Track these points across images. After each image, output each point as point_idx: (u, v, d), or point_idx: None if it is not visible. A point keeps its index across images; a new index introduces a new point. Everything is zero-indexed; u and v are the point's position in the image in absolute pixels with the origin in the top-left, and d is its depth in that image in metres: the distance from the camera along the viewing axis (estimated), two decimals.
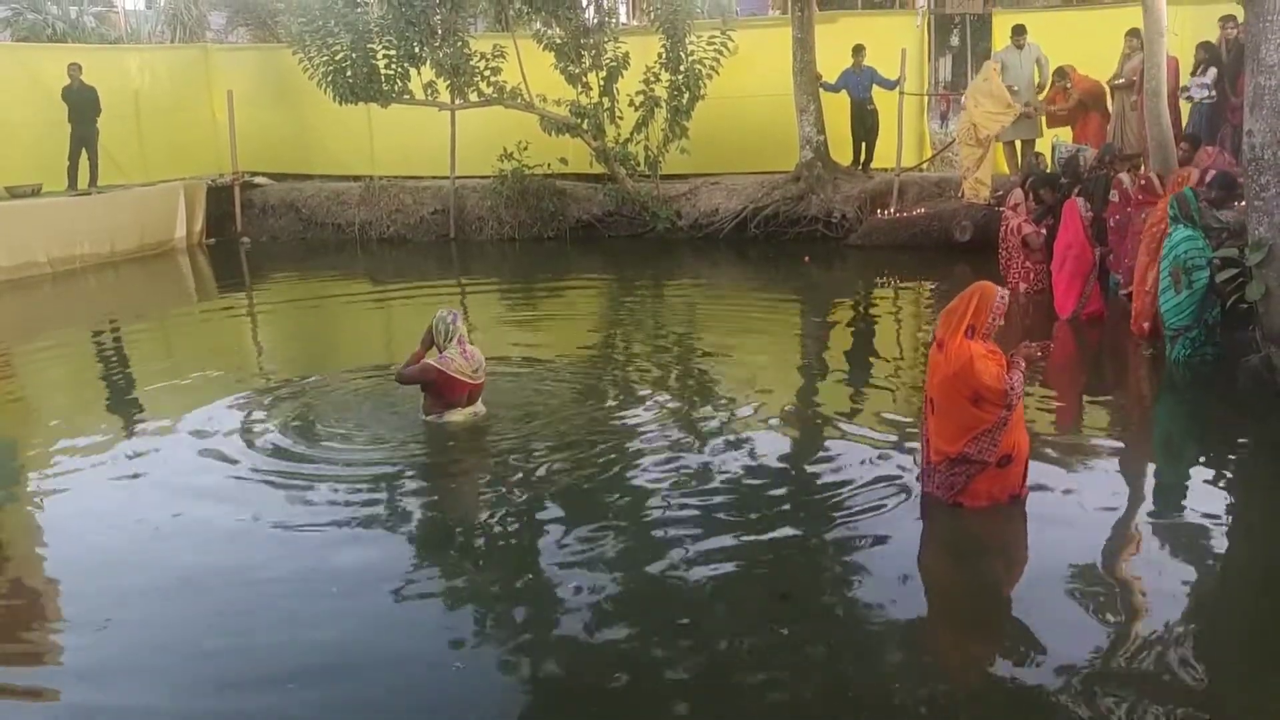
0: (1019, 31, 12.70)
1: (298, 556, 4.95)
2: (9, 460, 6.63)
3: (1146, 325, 8.10)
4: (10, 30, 21.68)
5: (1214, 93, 10.92)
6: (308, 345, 9.93)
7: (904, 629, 4.25)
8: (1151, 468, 6.07)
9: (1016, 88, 12.44)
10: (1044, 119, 12.78)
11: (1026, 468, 5.19)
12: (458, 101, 14.73)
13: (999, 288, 5.10)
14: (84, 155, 14.61)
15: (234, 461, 6.14)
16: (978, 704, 3.78)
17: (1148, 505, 5.45)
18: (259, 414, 7.09)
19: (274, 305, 12.19)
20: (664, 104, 14.21)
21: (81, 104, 14.48)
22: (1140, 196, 8.81)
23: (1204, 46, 11.10)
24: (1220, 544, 4.94)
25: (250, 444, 6.47)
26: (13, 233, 13.00)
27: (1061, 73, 12.34)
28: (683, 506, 5.37)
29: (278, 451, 6.30)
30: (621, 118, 14.47)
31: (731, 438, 6.39)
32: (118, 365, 9.47)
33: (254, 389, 7.86)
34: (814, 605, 4.46)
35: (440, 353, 6.53)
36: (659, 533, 5.09)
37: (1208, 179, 8.82)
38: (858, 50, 13.80)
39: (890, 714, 3.69)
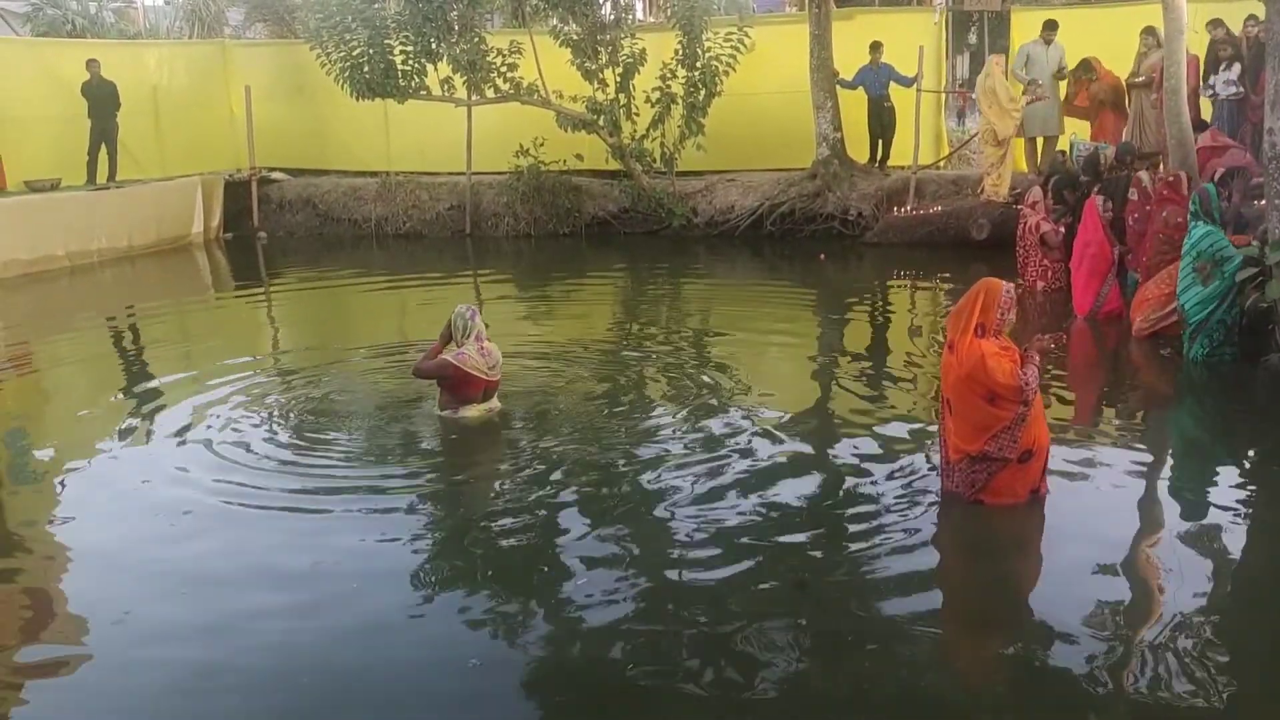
0: (1050, 27, 12.60)
1: (310, 551, 4.94)
2: (26, 451, 6.66)
3: (1139, 332, 8.25)
4: (30, 26, 21.82)
5: (1240, 89, 10.85)
6: (323, 339, 9.95)
7: (920, 623, 4.23)
8: (1169, 466, 6.03)
9: (1040, 81, 12.37)
10: (1062, 106, 12.70)
11: (1047, 462, 5.16)
12: (474, 97, 14.75)
13: (1004, 282, 5.03)
14: (103, 150, 14.69)
15: (247, 455, 6.15)
16: (992, 699, 3.77)
17: (1166, 504, 5.41)
18: (273, 407, 7.11)
19: (290, 299, 12.24)
20: (680, 101, 14.20)
21: (101, 99, 14.57)
22: (1165, 193, 8.78)
23: (1230, 42, 11.03)
24: (1239, 543, 4.90)
25: (264, 438, 6.49)
26: (31, 227, 13.09)
27: (1087, 65, 12.25)
28: (699, 501, 5.36)
29: (290, 445, 6.32)
30: (638, 114, 14.46)
31: (747, 434, 6.38)
32: (134, 358, 9.52)
33: (269, 382, 7.89)
34: (831, 598, 4.45)
35: (458, 348, 6.54)
36: (675, 527, 5.08)
37: (1217, 175, 8.81)
38: (875, 47, 13.76)
39: (904, 706, 3.68)
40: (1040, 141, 13.07)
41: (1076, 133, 12.51)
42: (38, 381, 8.59)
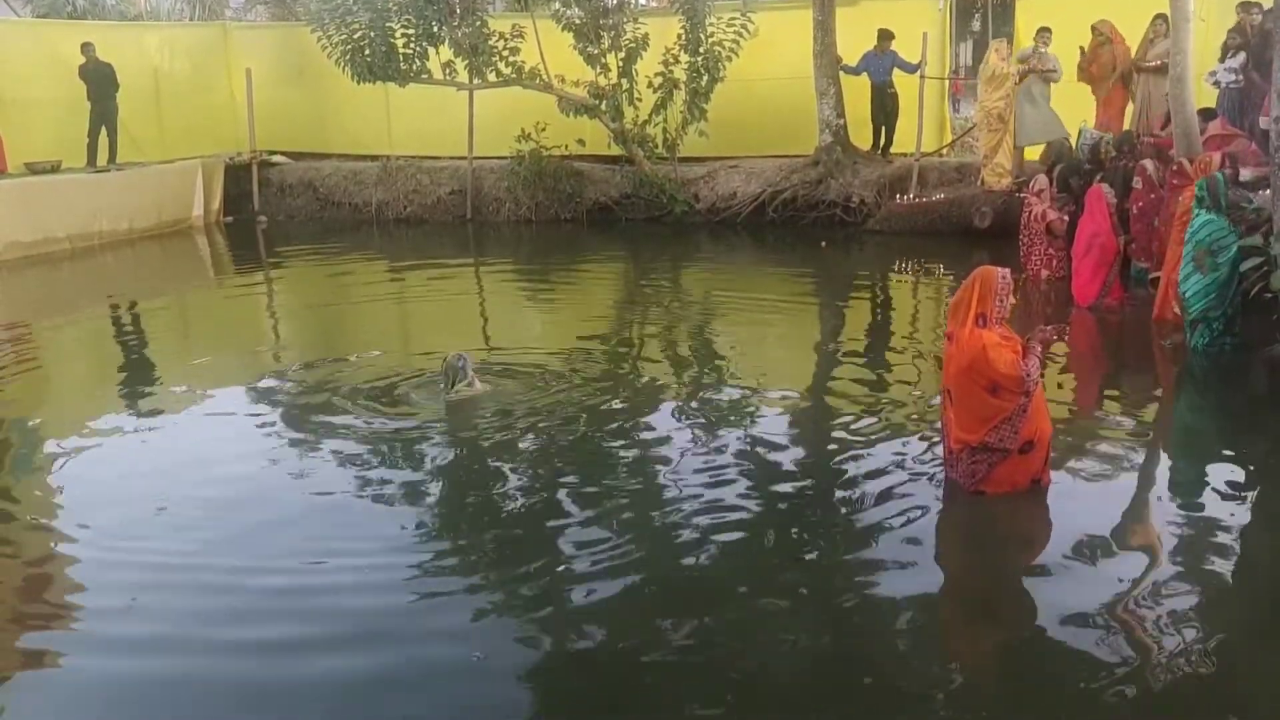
0: (1043, 32, 12.49)
1: (311, 544, 4.94)
2: (27, 438, 6.64)
3: (1176, 311, 8.04)
4: (31, 7, 21.72)
5: (1240, 77, 10.79)
6: (322, 325, 9.95)
7: (919, 610, 4.24)
8: (1171, 457, 6.01)
9: (1052, 67, 12.28)
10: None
11: (1049, 453, 5.15)
12: (476, 81, 14.69)
13: (998, 269, 4.98)
14: (103, 132, 14.63)
15: (248, 441, 6.15)
16: (990, 686, 3.77)
17: (1167, 495, 5.41)
18: (272, 394, 7.11)
19: (290, 284, 12.23)
20: (683, 86, 14.13)
21: (99, 81, 14.51)
22: (1175, 181, 8.75)
23: (1237, 31, 10.97)
24: (1239, 534, 4.88)
25: (263, 424, 6.49)
26: (32, 209, 13.05)
27: (1098, 31, 12.11)
28: (699, 484, 5.37)
29: (289, 434, 6.32)
30: (640, 99, 14.38)
31: (749, 421, 6.38)
32: (135, 342, 9.51)
33: (268, 369, 7.90)
34: (829, 585, 4.45)
35: (450, 391, 6.67)
36: (675, 508, 5.11)
37: (1215, 160, 8.76)
38: (885, 36, 13.65)
39: (901, 693, 3.69)
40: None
41: (1086, 120, 12.40)
42: (37, 366, 8.57)
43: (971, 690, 3.74)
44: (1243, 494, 5.33)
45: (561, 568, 4.60)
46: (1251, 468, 5.71)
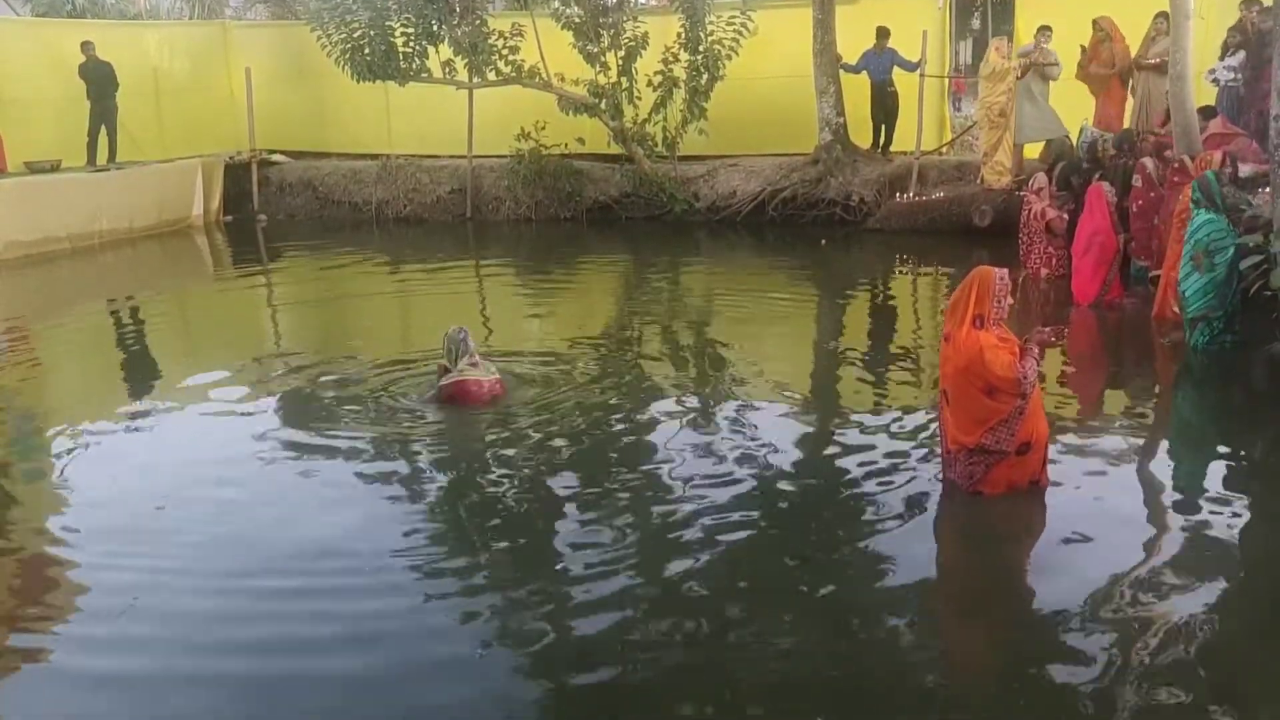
0: (1043, 30, 12.48)
1: (313, 539, 4.94)
2: (26, 438, 6.65)
3: (1176, 310, 8.01)
4: (30, 6, 21.73)
5: (1239, 75, 10.78)
6: (322, 323, 9.95)
7: (916, 609, 4.24)
8: (1170, 455, 6.02)
9: (1055, 61, 12.29)
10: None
11: (1046, 454, 5.14)
12: (475, 80, 14.69)
13: (996, 269, 4.97)
14: (103, 131, 14.63)
15: (246, 439, 6.15)
16: (986, 686, 3.77)
17: (1166, 493, 5.40)
18: (273, 393, 7.11)
19: (290, 283, 12.21)
20: (682, 85, 14.12)
21: (99, 80, 14.51)
22: (1175, 179, 8.74)
23: (1237, 29, 10.96)
24: (1239, 534, 4.88)
25: (263, 423, 6.48)
26: (32, 208, 13.04)
27: (1098, 27, 12.08)
28: (699, 484, 5.37)
29: (287, 432, 6.32)
30: (640, 98, 14.38)
31: (748, 420, 6.37)
32: (135, 342, 9.50)
33: (269, 368, 7.88)
34: (827, 585, 4.45)
35: (453, 369, 6.62)
36: (675, 507, 5.10)
37: (1215, 159, 8.75)
38: (882, 33, 13.65)
39: (897, 691, 3.69)
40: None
41: (1087, 118, 12.39)
42: (36, 365, 8.57)
43: (972, 690, 3.75)
44: (1242, 493, 5.32)
45: (561, 568, 4.60)
46: (1251, 466, 5.72)
